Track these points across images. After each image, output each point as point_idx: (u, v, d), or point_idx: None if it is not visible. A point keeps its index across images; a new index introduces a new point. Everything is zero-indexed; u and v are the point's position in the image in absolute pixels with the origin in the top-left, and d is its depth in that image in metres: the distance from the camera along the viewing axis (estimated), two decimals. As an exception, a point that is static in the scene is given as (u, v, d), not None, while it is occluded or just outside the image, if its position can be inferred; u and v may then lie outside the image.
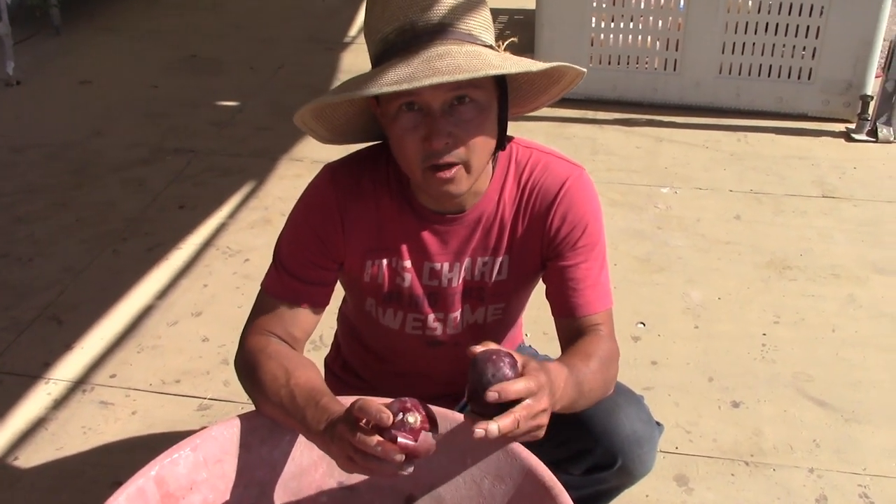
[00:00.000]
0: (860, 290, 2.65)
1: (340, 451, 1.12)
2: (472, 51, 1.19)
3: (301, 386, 1.26)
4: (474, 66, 1.15)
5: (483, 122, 1.25)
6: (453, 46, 1.19)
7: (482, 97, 1.24)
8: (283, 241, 1.42)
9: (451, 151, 1.23)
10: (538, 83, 1.37)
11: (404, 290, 1.44)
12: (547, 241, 1.39)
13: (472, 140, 1.24)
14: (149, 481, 1.23)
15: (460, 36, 1.21)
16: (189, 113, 4.00)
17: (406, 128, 1.23)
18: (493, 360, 1.11)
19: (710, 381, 2.29)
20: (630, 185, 3.29)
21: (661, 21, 3.81)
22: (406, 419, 1.08)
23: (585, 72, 1.32)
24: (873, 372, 2.32)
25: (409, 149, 1.24)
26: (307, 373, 1.31)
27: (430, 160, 1.23)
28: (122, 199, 3.25)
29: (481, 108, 1.24)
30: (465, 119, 1.23)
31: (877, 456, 2.04)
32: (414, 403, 1.11)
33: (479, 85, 1.22)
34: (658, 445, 1.45)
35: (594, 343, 1.34)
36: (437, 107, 1.21)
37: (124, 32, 5.11)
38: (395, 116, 1.23)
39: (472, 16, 1.24)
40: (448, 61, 1.15)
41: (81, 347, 2.45)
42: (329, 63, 4.59)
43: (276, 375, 1.29)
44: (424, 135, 1.22)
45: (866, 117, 3.61)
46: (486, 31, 1.27)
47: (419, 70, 1.14)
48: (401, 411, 1.09)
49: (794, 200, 3.17)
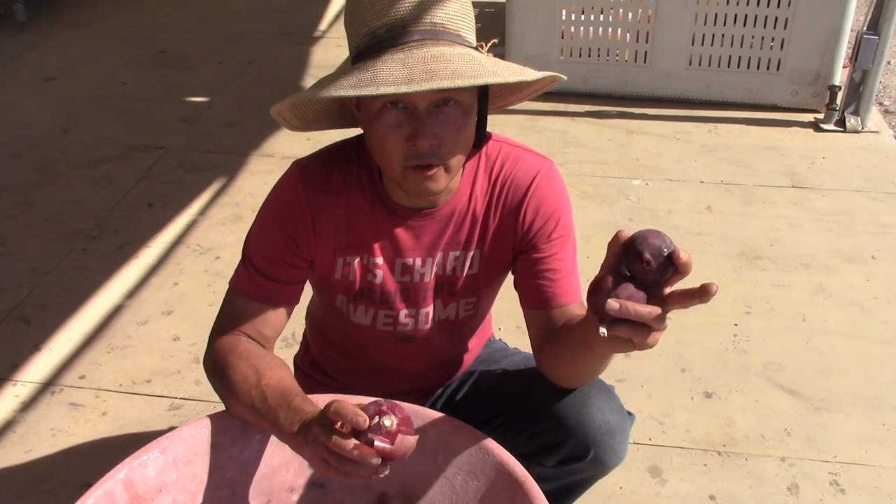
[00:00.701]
0: (829, 279, 2.67)
1: (315, 454, 1.11)
2: (464, 54, 1.17)
3: (272, 387, 1.25)
4: (472, 73, 1.13)
5: (466, 124, 1.24)
6: (445, 48, 1.17)
7: (466, 99, 1.23)
8: (252, 239, 1.41)
9: (435, 153, 1.22)
10: (518, 84, 1.36)
11: (376, 287, 1.43)
12: (521, 234, 1.38)
13: (454, 142, 1.23)
14: (117, 484, 1.22)
15: (450, 36, 1.20)
16: (157, 109, 3.96)
17: (390, 125, 1.21)
18: (660, 236, 1.03)
19: (682, 372, 2.30)
20: (602, 177, 3.29)
21: (632, 13, 3.81)
22: (382, 422, 1.07)
23: (565, 78, 1.32)
24: (843, 360, 2.34)
25: (391, 147, 1.22)
26: (278, 373, 1.29)
27: (411, 160, 1.22)
28: (90, 198, 3.21)
29: (465, 110, 1.23)
30: (449, 120, 1.22)
31: (847, 443, 2.06)
32: (390, 405, 1.10)
33: (465, 88, 1.21)
34: (630, 435, 1.45)
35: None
36: (423, 107, 1.20)
37: (91, 28, 5.04)
38: (379, 113, 1.21)
39: (460, 16, 1.23)
40: (444, 65, 1.13)
41: (50, 348, 2.42)
42: (299, 57, 4.55)
43: (247, 376, 1.28)
44: (409, 134, 1.20)
45: (834, 107, 3.64)
46: (471, 32, 1.26)
47: (416, 73, 1.12)
48: (377, 414, 1.08)
49: (763, 191, 3.19)
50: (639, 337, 1.02)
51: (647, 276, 1.02)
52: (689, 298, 1.01)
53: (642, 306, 1.00)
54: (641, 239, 1.02)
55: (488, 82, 1.14)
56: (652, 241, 1.02)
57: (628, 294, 1.02)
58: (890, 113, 4.08)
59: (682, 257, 1.00)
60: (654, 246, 1.01)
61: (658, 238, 1.02)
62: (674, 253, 1.01)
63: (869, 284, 2.65)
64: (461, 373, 1.64)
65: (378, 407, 1.08)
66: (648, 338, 1.03)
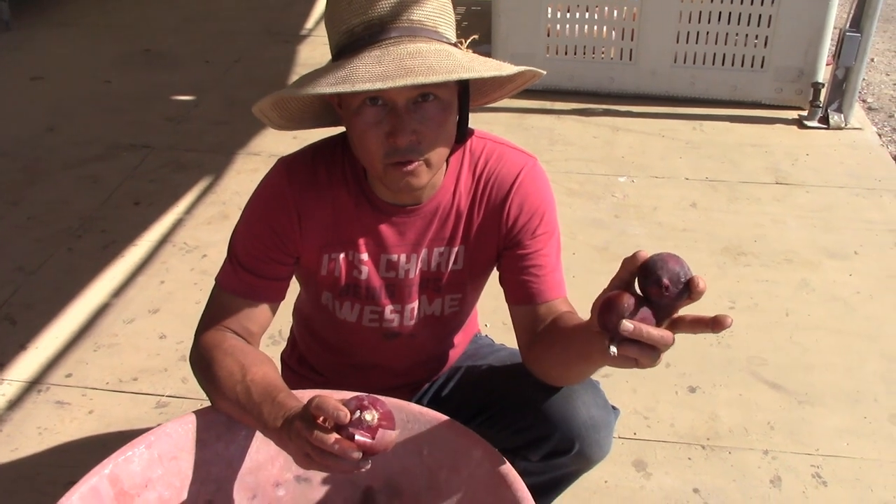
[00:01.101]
0: (813, 274, 2.70)
1: (298, 449, 1.12)
2: (441, 50, 1.18)
3: (257, 382, 1.26)
4: (447, 68, 1.14)
5: (446, 120, 1.25)
6: (423, 45, 1.18)
7: (446, 95, 1.24)
8: (238, 235, 1.41)
9: (415, 149, 1.23)
10: (498, 80, 1.37)
11: (361, 283, 1.44)
12: (505, 230, 1.40)
13: (434, 137, 1.24)
14: (102, 480, 1.22)
15: (428, 33, 1.21)
16: (144, 108, 3.95)
17: (369, 122, 1.22)
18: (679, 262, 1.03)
19: (667, 367, 2.32)
20: (588, 174, 3.31)
21: (617, 11, 3.83)
22: (363, 417, 1.08)
23: (544, 73, 1.33)
24: (826, 355, 2.36)
25: (371, 143, 1.23)
26: (263, 368, 1.30)
27: (392, 157, 1.23)
28: (75, 197, 3.20)
29: (444, 106, 1.24)
30: (428, 116, 1.22)
31: (829, 436, 2.09)
32: (371, 400, 1.11)
33: (444, 83, 1.21)
34: (614, 430, 1.47)
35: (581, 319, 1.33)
36: (402, 103, 1.21)
37: (76, 27, 5.03)
38: (358, 110, 1.22)
39: (438, 12, 1.24)
40: (420, 61, 1.14)
41: (36, 347, 2.42)
42: (286, 56, 4.56)
43: (232, 371, 1.29)
44: (388, 130, 1.21)
45: (818, 104, 3.67)
46: (450, 28, 1.26)
47: (392, 69, 1.13)
48: (358, 409, 1.09)
49: (748, 187, 3.21)
50: (646, 358, 1.02)
51: (662, 301, 1.02)
52: (701, 326, 1.02)
53: (656, 330, 1.00)
54: (661, 263, 1.02)
55: (463, 77, 1.15)
56: (671, 266, 1.02)
57: (642, 316, 1.02)
58: (873, 110, 4.11)
59: (699, 286, 1.01)
60: (674, 272, 1.01)
61: (677, 264, 1.02)
62: (692, 280, 1.01)
63: (852, 280, 2.67)
64: (447, 368, 1.65)
65: (359, 402, 1.09)
66: (655, 359, 1.03)
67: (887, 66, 4.73)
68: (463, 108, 1.31)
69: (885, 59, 4.85)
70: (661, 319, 1.04)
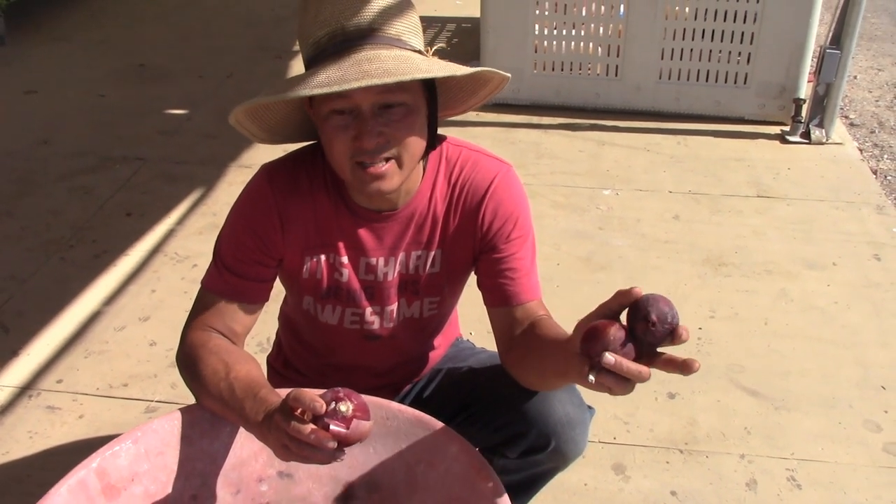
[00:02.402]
0: (791, 284, 2.75)
1: (277, 441, 1.16)
2: (400, 55, 1.24)
3: (240, 379, 1.30)
4: (402, 70, 1.20)
5: (412, 123, 1.30)
6: (382, 51, 1.24)
7: (410, 100, 1.29)
8: (223, 239, 1.47)
9: (383, 150, 1.28)
10: (466, 87, 1.43)
11: (342, 286, 1.48)
12: (480, 235, 1.45)
13: (402, 137, 1.29)
14: (90, 473, 1.26)
15: (389, 41, 1.27)
16: (137, 121, 4.01)
17: (337, 128, 1.28)
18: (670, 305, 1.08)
19: (647, 373, 2.36)
20: (573, 187, 3.37)
21: (603, 28, 3.90)
22: (338, 408, 1.13)
23: (509, 77, 1.38)
24: (802, 362, 2.41)
25: (338, 148, 1.29)
26: (246, 366, 1.35)
27: (358, 156, 1.28)
28: (68, 208, 3.25)
29: (410, 110, 1.29)
30: (394, 119, 1.28)
31: (804, 441, 2.13)
32: (347, 393, 1.16)
33: (407, 88, 1.27)
34: (590, 428, 1.51)
35: (557, 327, 1.39)
36: (366, 109, 1.26)
37: (71, 42, 5.09)
38: (327, 118, 1.28)
39: (402, 21, 1.29)
40: (377, 65, 1.20)
41: (28, 353, 2.45)
42: (278, 71, 4.62)
43: (217, 369, 1.33)
44: (354, 135, 1.27)
45: (800, 120, 3.74)
46: (414, 36, 1.32)
47: (349, 73, 1.19)
48: (333, 400, 1.13)
49: (730, 200, 3.27)
50: (620, 389, 1.07)
51: (647, 338, 1.07)
52: (673, 367, 1.07)
53: (635, 366, 1.05)
54: (653, 303, 1.06)
55: (417, 77, 1.20)
56: (662, 307, 1.06)
57: (624, 350, 1.07)
58: (855, 126, 4.18)
59: (682, 336, 1.06)
60: (663, 313, 1.06)
61: (668, 306, 1.07)
62: (677, 330, 1.06)
63: (829, 290, 2.73)
64: (428, 370, 1.69)
65: (335, 394, 1.14)
66: (628, 390, 1.08)
67: (870, 84, 4.81)
68: (431, 114, 1.36)
69: (868, 76, 4.93)
70: (641, 356, 1.08)
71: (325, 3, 1.27)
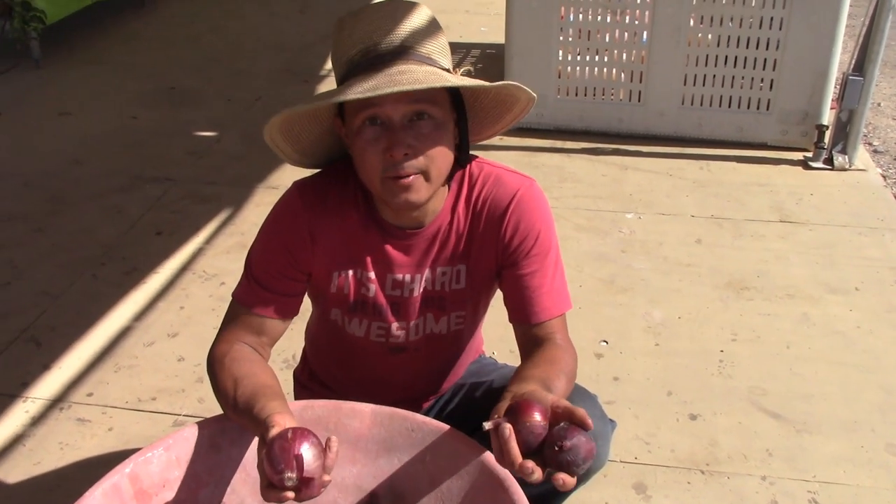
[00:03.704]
0: (814, 309, 2.76)
1: None
2: (430, 70, 1.30)
3: (245, 394, 1.33)
4: (431, 80, 1.26)
5: (440, 137, 1.35)
6: (413, 65, 1.29)
7: (439, 114, 1.34)
8: (254, 253, 1.51)
9: (410, 162, 1.33)
10: (493, 109, 1.47)
11: (369, 300, 1.52)
12: (501, 249, 1.48)
13: (430, 151, 1.34)
14: (123, 478, 1.30)
15: (420, 58, 1.32)
16: (167, 143, 4.09)
17: (368, 140, 1.33)
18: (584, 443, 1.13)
19: (668, 395, 2.38)
20: (596, 210, 3.40)
21: (626, 54, 3.94)
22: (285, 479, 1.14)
23: (535, 96, 1.42)
24: (824, 385, 2.41)
25: (370, 160, 1.34)
26: (253, 380, 1.37)
27: (389, 171, 1.33)
28: (100, 226, 3.32)
29: (438, 124, 1.34)
30: (423, 133, 1.33)
31: (826, 464, 2.14)
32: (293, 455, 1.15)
33: (437, 102, 1.32)
34: (612, 441, 1.53)
35: (562, 357, 1.42)
36: (397, 119, 1.31)
37: (103, 65, 5.20)
38: (359, 130, 1.33)
39: (431, 41, 1.35)
40: (408, 76, 1.26)
41: (59, 367, 2.51)
42: (305, 95, 4.69)
43: (227, 387, 1.37)
44: (385, 146, 1.32)
45: (822, 146, 3.75)
46: (443, 57, 1.37)
47: (381, 82, 1.25)
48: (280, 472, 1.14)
49: (752, 225, 3.28)
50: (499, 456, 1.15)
51: (547, 453, 1.13)
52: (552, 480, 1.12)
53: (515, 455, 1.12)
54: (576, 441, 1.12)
55: (445, 85, 1.26)
56: (581, 449, 1.12)
57: (528, 438, 1.13)
58: (879, 153, 4.18)
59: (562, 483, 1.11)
60: (578, 456, 1.12)
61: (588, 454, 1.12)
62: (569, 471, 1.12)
63: (852, 314, 2.73)
64: (451, 384, 1.72)
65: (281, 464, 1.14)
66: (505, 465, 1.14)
67: (894, 111, 4.81)
68: (462, 134, 1.40)
69: (892, 103, 4.93)
70: (530, 455, 1.13)
71: (359, 23, 1.33)
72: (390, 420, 1.42)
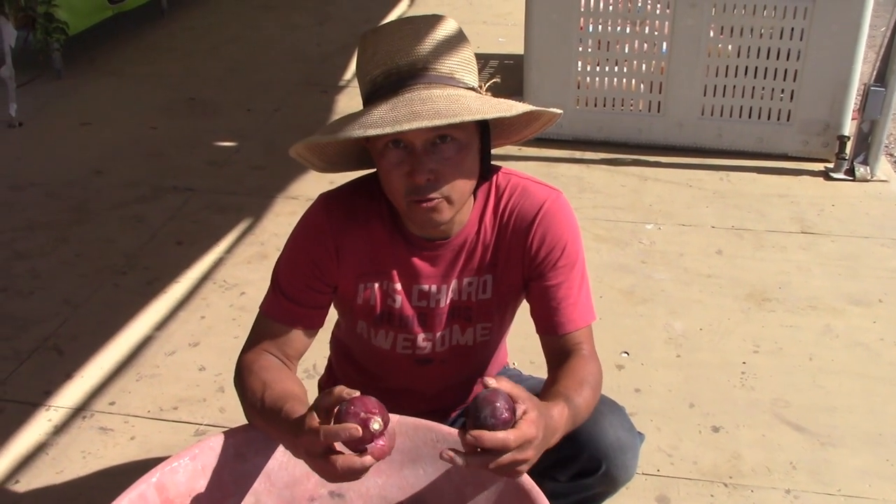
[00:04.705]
0: (837, 320, 2.74)
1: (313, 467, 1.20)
2: (452, 94, 1.29)
3: (272, 396, 1.33)
4: (453, 112, 1.25)
5: (463, 160, 1.35)
6: (435, 90, 1.29)
7: (463, 136, 1.34)
8: (281, 265, 1.51)
9: (433, 188, 1.33)
10: (518, 121, 1.47)
11: (395, 312, 1.52)
12: (527, 261, 1.48)
13: (452, 177, 1.34)
14: (150, 487, 1.31)
15: (442, 79, 1.32)
16: (187, 153, 4.11)
17: (392, 163, 1.34)
18: (490, 403, 1.16)
19: (690, 407, 2.36)
20: (615, 221, 3.39)
21: (645, 65, 3.94)
22: (372, 427, 1.15)
23: (561, 113, 1.42)
24: (848, 398, 2.39)
25: (394, 183, 1.35)
26: (282, 384, 1.37)
27: (413, 195, 1.33)
28: (121, 236, 3.34)
29: (461, 147, 1.34)
30: (446, 157, 1.33)
31: (851, 477, 2.12)
32: (367, 406, 1.17)
33: (460, 125, 1.32)
34: (639, 453, 1.53)
35: (584, 367, 1.42)
36: (419, 145, 1.31)
37: (124, 76, 5.24)
38: (383, 152, 1.34)
39: (455, 59, 1.35)
40: (429, 106, 1.25)
41: (81, 376, 2.52)
42: (324, 105, 4.71)
43: (255, 389, 1.38)
44: (408, 171, 1.32)
45: (844, 157, 3.73)
46: (468, 73, 1.37)
47: (402, 114, 1.25)
48: (364, 420, 1.15)
49: (774, 236, 3.27)
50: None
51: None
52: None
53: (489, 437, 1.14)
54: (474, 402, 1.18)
55: (465, 119, 1.25)
56: (476, 407, 1.17)
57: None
58: (900, 163, 4.16)
59: (465, 440, 1.14)
60: (471, 414, 1.17)
61: (480, 408, 1.16)
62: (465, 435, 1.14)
63: (875, 326, 2.71)
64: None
65: (358, 410, 1.15)
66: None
67: (915, 122, 4.78)
68: (484, 146, 1.40)
69: (913, 114, 4.90)
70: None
71: (381, 42, 1.33)
72: (415, 431, 1.42)
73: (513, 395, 1.18)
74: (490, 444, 1.12)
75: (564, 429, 1.29)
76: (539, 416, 1.19)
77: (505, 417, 1.15)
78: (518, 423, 1.16)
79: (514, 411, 1.17)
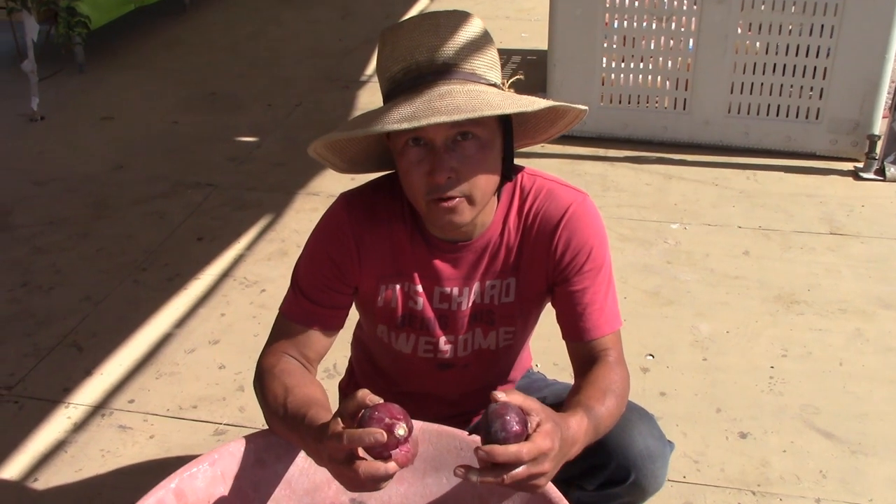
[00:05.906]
0: (867, 324, 2.68)
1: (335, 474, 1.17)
2: (472, 90, 1.25)
3: (295, 402, 1.30)
4: (472, 106, 1.21)
5: (485, 158, 1.31)
6: (455, 86, 1.25)
7: (484, 134, 1.30)
8: (301, 266, 1.48)
9: (454, 186, 1.29)
10: (543, 119, 1.43)
11: (416, 314, 1.49)
12: (552, 265, 1.44)
13: (473, 175, 1.30)
14: (168, 493, 1.28)
15: (463, 75, 1.28)
16: (208, 148, 4.10)
17: (412, 161, 1.30)
18: (500, 416, 1.12)
19: (717, 412, 2.32)
20: (640, 220, 3.34)
21: (671, 61, 3.88)
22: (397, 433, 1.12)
23: (587, 109, 1.38)
24: (880, 405, 2.34)
25: (414, 182, 1.31)
26: (304, 389, 1.35)
27: (433, 194, 1.30)
28: (141, 231, 3.33)
29: (483, 144, 1.30)
30: (467, 154, 1.29)
31: (882, 486, 2.06)
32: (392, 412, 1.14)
33: (481, 122, 1.28)
34: (669, 462, 1.49)
35: (608, 375, 1.38)
36: (440, 142, 1.27)
37: (145, 71, 5.24)
38: (402, 151, 1.30)
39: (477, 55, 1.31)
40: (448, 101, 1.21)
41: (101, 373, 2.51)
42: (345, 101, 4.69)
43: (277, 394, 1.35)
44: (428, 169, 1.28)
45: (874, 156, 3.66)
46: (490, 70, 1.33)
47: (420, 110, 1.21)
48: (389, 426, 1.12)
49: (802, 237, 3.21)
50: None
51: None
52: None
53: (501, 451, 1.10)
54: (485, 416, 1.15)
55: (485, 114, 1.21)
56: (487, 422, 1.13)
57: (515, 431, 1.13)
58: (931, 163, 4.07)
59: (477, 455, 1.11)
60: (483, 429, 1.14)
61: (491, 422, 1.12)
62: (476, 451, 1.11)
63: (907, 331, 2.65)
64: (500, 401, 1.68)
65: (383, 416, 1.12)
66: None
67: (946, 120, 4.68)
68: (507, 145, 1.36)
69: (944, 112, 4.81)
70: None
71: (400, 38, 1.29)
72: (438, 438, 1.38)
73: (524, 407, 1.14)
74: (503, 458, 1.08)
75: (585, 439, 1.25)
76: (554, 427, 1.14)
77: (516, 430, 1.11)
78: (532, 436, 1.11)
79: (525, 424, 1.13)
